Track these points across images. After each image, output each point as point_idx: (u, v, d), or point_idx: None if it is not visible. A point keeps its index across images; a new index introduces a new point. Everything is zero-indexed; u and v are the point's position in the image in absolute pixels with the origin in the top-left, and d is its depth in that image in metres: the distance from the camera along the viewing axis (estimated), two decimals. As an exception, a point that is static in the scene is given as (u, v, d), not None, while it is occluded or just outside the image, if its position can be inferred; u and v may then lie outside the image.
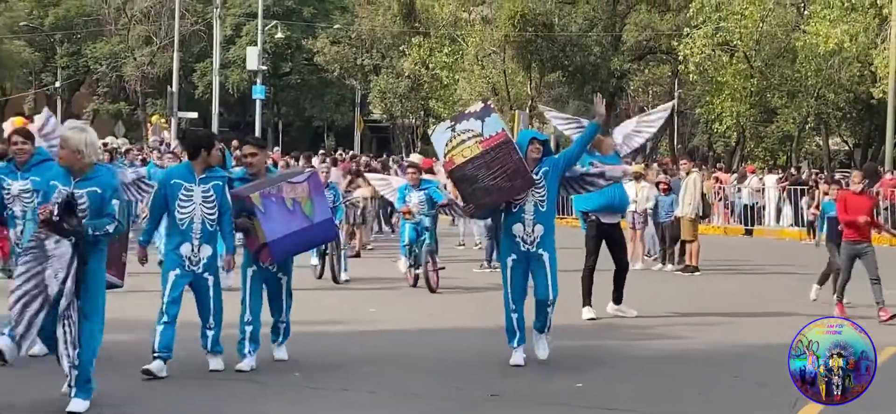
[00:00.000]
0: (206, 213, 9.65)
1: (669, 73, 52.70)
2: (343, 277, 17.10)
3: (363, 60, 57.80)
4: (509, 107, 48.88)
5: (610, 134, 14.08)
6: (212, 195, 9.67)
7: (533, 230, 10.15)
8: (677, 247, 20.73)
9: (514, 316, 10.36)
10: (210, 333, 9.82)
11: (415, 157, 25.61)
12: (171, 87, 47.92)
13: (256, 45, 53.15)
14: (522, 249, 10.19)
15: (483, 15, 51.91)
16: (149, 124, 51.88)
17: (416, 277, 16.41)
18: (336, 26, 60.89)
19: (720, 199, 32.80)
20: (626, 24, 49.49)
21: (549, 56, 48.33)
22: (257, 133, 51.36)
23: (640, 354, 11.61)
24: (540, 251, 10.18)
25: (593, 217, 13.51)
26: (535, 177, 10.05)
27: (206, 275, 9.70)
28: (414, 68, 53.35)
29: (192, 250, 9.63)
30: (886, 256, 17.78)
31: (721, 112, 46.15)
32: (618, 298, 13.82)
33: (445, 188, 16.27)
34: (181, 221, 9.62)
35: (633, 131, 14.11)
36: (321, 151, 39.26)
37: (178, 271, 9.61)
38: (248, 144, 10.51)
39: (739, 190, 33.25)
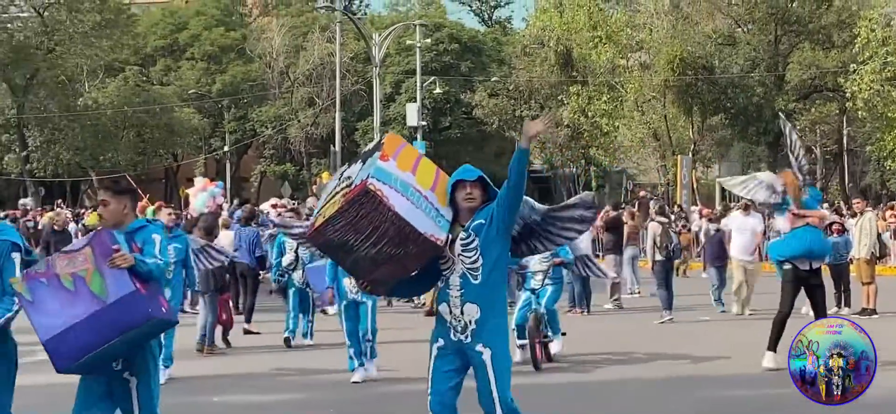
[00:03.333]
0: None
1: (837, 111, 51.36)
2: None
3: (522, 111, 57.90)
4: (672, 152, 48.33)
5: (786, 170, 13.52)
6: None
7: (462, 313, 6.87)
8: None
9: None
10: None
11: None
12: (335, 146, 48.78)
13: (416, 101, 53.79)
14: (453, 338, 6.95)
15: (641, 61, 51.58)
16: (317, 181, 52.91)
17: (544, 350, 13.65)
18: (494, 79, 61.20)
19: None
20: (790, 63, 48.47)
21: (710, 99, 47.68)
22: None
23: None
24: (477, 346, 6.87)
25: (788, 265, 12.83)
26: (439, 238, 6.78)
27: None
28: (573, 117, 53.24)
29: None
30: None
31: (893, 148, 44.68)
32: None
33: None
34: None
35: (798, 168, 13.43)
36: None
37: None
38: (102, 189, 7.48)
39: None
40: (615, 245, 22.81)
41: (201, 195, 29.29)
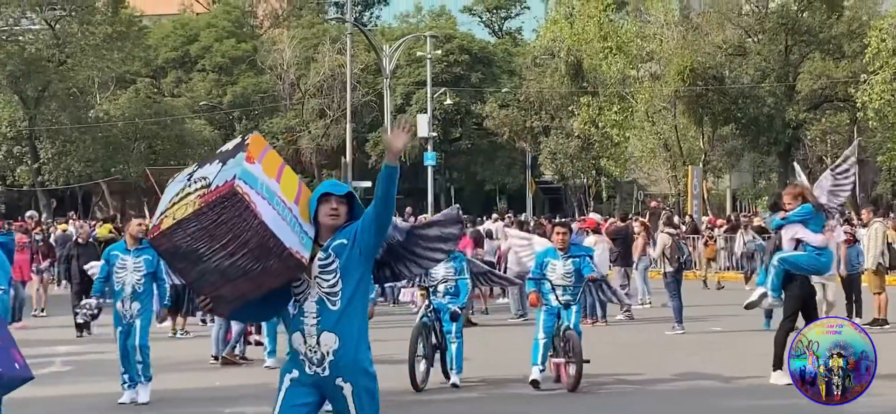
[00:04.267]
0: None
1: (847, 121, 51.29)
2: (453, 377, 12.94)
3: (532, 122, 57.96)
4: (682, 162, 48.31)
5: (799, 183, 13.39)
6: None
7: (317, 343, 6.05)
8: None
9: None
10: None
11: (595, 216, 25.20)
12: (345, 157, 48.84)
13: (426, 112, 53.86)
14: (308, 371, 6.11)
15: (652, 71, 51.58)
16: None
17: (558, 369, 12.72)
18: (504, 90, 61.27)
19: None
20: (800, 73, 48.43)
21: (720, 109, 47.66)
22: (429, 199, 52.00)
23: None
24: (337, 381, 6.07)
25: (800, 278, 12.58)
26: (303, 256, 5.94)
27: None
28: (583, 128, 53.25)
29: None
30: None
31: (904, 158, 44.70)
32: None
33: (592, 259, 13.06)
34: None
35: (832, 189, 13.02)
36: (494, 215, 39.43)
37: None
38: None
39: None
40: (621, 256, 22.79)
41: None
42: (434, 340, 12.75)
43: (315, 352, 6.04)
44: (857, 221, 26.32)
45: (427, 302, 12.76)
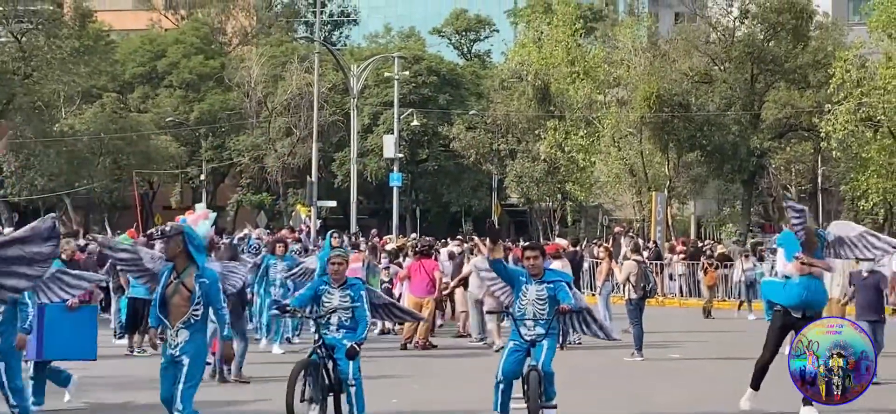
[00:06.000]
0: None
1: (812, 151, 51.66)
2: None
3: (499, 145, 58.03)
4: (648, 188, 48.48)
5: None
6: None
7: None
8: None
9: None
10: None
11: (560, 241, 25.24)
12: (311, 176, 48.73)
13: (393, 133, 53.84)
14: None
15: (618, 97, 51.75)
16: (294, 213, 52.82)
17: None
18: (471, 112, 61.33)
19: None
20: (765, 102, 48.68)
21: (686, 136, 47.78)
22: (395, 220, 51.94)
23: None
24: None
25: (780, 308, 11.98)
26: None
27: None
28: (550, 151, 53.34)
29: None
30: None
31: (867, 189, 44.99)
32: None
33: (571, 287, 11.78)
34: None
35: (851, 242, 11.93)
36: (459, 237, 39.40)
37: None
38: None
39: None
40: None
41: (203, 223, 28.78)
42: (327, 381, 10.91)
43: None
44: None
45: (317, 338, 11.02)
